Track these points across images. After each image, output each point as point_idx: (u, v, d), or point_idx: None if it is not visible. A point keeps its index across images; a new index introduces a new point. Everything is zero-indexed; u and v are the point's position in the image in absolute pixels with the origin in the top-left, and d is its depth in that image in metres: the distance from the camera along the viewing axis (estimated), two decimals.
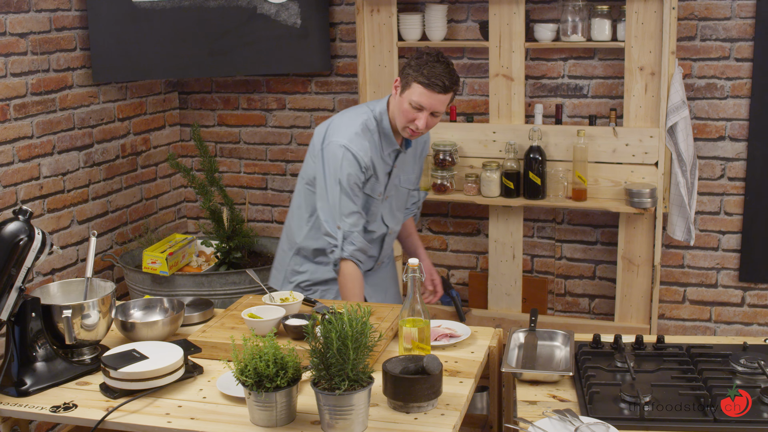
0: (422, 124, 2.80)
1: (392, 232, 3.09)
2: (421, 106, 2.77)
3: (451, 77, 2.77)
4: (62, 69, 3.65)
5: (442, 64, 2.77)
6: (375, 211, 2.98)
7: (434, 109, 2.79)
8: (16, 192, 3.43)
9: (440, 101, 2.78)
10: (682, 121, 3.56)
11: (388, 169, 2.96)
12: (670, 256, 3.93)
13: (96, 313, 2.36)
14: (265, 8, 3.99)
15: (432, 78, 2.74)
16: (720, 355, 2.38)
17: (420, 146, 3.13)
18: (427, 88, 2.74)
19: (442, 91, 2.76)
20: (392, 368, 2.11)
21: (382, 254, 3.10)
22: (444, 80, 2.75)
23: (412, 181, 3.11)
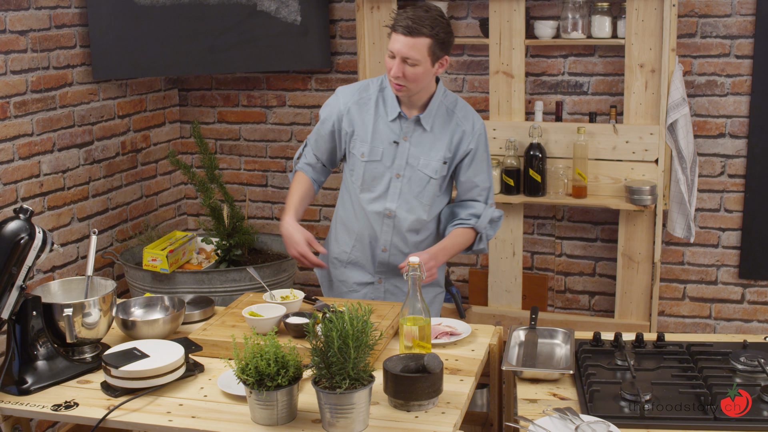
0: (395, 72, 2.66)
1: (392, 215, 2.85)
2: (392, 53, 2.67)
3: (417, 19, 2.62)
4: (62, 66, 3.64)
5: (413, 9, 2.66)
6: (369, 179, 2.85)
7: (402, 55, 2.64)
8: (17, 189, 3.43)
9: (407, 45, 2.63)
10: (683, 118, 3.56)
11: (394, 138, 2.83)
12: (670, 253, 3.93)
13: (97, 311, 2.36)
14: (265, 5, 3.99)
15: (397, 21, 2.65)
16: (720, 353, 2.38)
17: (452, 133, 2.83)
18: (394, 31, 2.66)
19: (406, 33, 2.62)
20: (393, 367, 2.11)
21: (382, 239, 2.87)
22: (408, 21, 2.62)
23: (435, 169, 2.82)
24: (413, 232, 2.88)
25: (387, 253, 2.90)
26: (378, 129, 2.83)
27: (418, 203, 2.86)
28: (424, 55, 2.65)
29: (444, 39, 2.67)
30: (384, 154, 2.84)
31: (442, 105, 2.84)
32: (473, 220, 2.87)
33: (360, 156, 2.84)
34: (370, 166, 2.85)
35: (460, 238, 2.86)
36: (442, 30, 2.66)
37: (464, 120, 2.85)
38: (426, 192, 2.85)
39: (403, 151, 2.83)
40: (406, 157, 2.83)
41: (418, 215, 2.86)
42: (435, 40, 2.64)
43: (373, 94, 2.85)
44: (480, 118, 2.91)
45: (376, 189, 2.86)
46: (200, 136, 4.07)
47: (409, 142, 2.83)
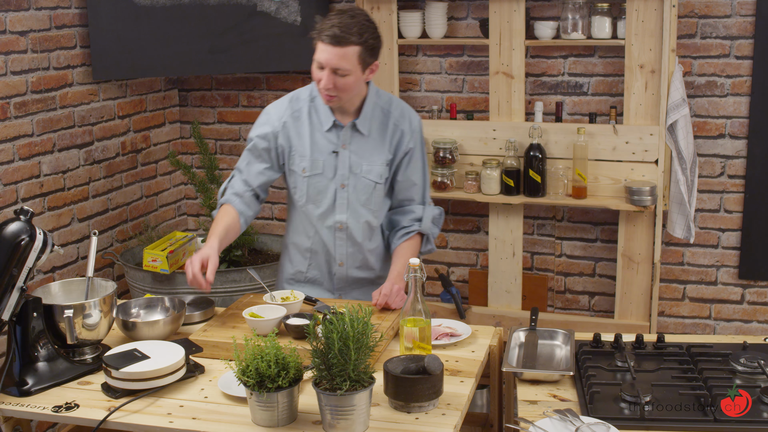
0: (324, 84, 2.54)
1: (343, 228, 2.77)
2: (320, 64, 2.55)
3: (343, 27, 2.48)
4: (62, 67, 3.64)
5: (339, 15, 2.53)
6: (313, 193, 2.75)
7: (332, 66, 2.52)
8: (17, 190, 3.43)
9: (335, 55, 2.50)
10: (682, 118, 3.56)
11: (332, 147, 2.72)
12: (669, 253, 3.93)
13: (97, 312, 2.37)
14: (265, 6, 3.99)
15: (323, 30, 2.51)
16: (720, 354, 2.38)
17: (391, 134, 2.76)
18: (320, 41, 2.52)
19: (334, 43, 2.49)
20: (393, 368, 2.11)
21: (337, 254, 2.81)
22: (335, 30, 2.48)
23: (380, 173, 2.75)
24: (366, 240, 2.82)
25: (344, 266, 2.83)
26: (315, 141, 2.73)
27: (367, 210, 2.79)
28: (354, 64, 2.54)
29: (373, 45, 2.57)
30: (325, 166, 2.74)
31: (376, 106, 2.75)
32: (416, 225, 2.82)
33: (301, 172, 2.74)
34: (312, 181, 2.74)
35: (408, 250, 2.79)
36: (371, 36, 2.55)
37: (401, 119, 2.77)
38: (373, 198, 2.78)
39: (344, 160, 2.74)
40: (348, 166, 2.74)
41: (369, 222, 2.80)
42: (364, 47, 2.54)
43: (305, 105, 2.75)
44: (416, 115, 2.83)
45: (322, 203, 2.77)
46: (200, 136, 4.08)
47: (348, 149, 2.73)
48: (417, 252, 2.82)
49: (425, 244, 2.86)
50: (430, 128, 3.93)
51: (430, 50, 4.07)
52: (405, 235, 2.81)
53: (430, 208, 2.86)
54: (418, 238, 2.83)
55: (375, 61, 2.62)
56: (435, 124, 3.94)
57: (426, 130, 3.92)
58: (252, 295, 2.80)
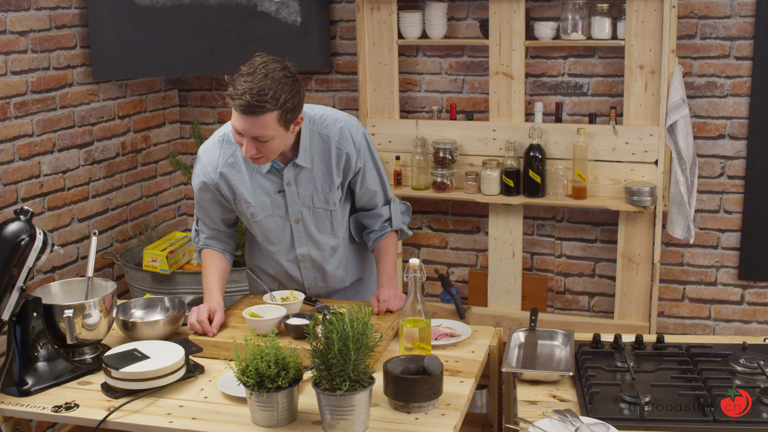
0: (246, 152, 2.34)
1: (306, 259, 2.69)
2: (238, 130, 2.34)
3: (257, 94, 2.25)
4: (62, 67, 3.65)
5: (250, 77, 2.28)
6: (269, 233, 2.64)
7: (251, 134, 2.31)
8: (17, 190, 3.43)
9: (253, 125, 2.28)
10: (682, 119, 3.56)
11: (277, 187, 2.58)
12: (669, 254, 3.93)
13: (97, 312, 2.37)
14: (266, 6, 3.99)
15: (234, 97, 2.27)
16: (720, 354, 2.38)
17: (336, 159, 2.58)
18: (234, 108, 2.29)
19: (248, 112, 2.26)
20: (393, 368, 2.11)
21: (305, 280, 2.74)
22: (247, 98, 2.24)
23: (332, 201, 2.61)
24: (332, 262, 2.74)
25: (314, 288, 2.77)
26: (257, 184, 2.57)
27: (328, 236, 2.68)
28: (275, 128, 2.32)
29: (293, 104, 2.33)
30: (273, 206, 2.60)
31: (313, 134, 2.55)
32: (387, 226, 2.75)
33: (251, 217, 2.61)
34: (264, 223, 2.63)
35: (389, 247, 2.74)
36: (290, 95, 2.30)
37: (343, 140, 2.57)
38: (332, 224, 2.67)
39: (292, 197, 2.59)
40: (298, 202, 2.60)
41: (331, 245, 2.70)
42: (282, 111, 2.30)
43: (236, 148, 2.54)
44: (358, 127, 2.62)
45: (281, 241, 2.67)
46: (200, 136, 4.08)
47: (294, 185, 2.57)
48: (396, 245, 2.79)
49: (400, 234, 2.82)
50: (430, 128, 3.93)
51: (430, 50, 4.07)
52: (380, 236, 2.76)
53: (395, 205, 2.78)
54: (393, 233, 2.78)
55: (299, 115, 2.41)
56: (435, 124, 3.94)
57: (426, 130, 3.93)
58: (252, 295, 2.80)
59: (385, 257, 2.75)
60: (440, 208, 4.21)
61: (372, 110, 4.01)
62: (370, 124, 3.99)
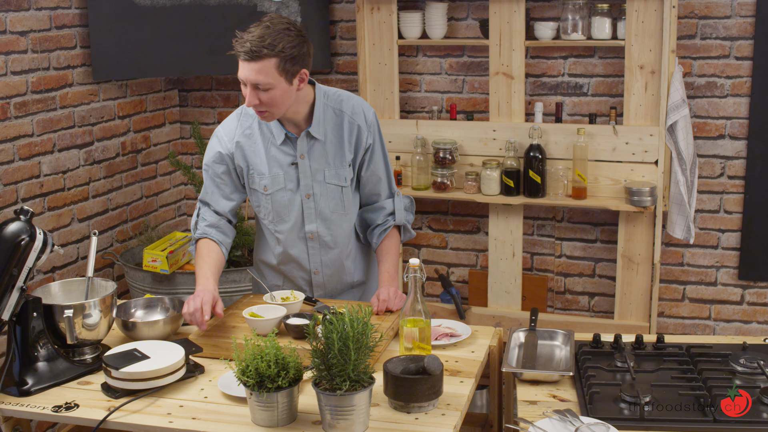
0: (248, 100, 2.44)
1: (315, 237, 2.71)
2: (241, 80, 2.45)
3: (257, 40, 2.38)
4: (62, 67, 3.65)
5: (256, 26, 2.42)
6: (279, 209, 2.68)
7: (251, 81, 2.41)
8: (17, 190, 3.43)
9: (252, 71, 2.40)
10: (682, 119, 3.56)
11: (290, 159, 2.64)
12: (669, 254, 3.93)
13: (97, 312, 2.37)
14: (266, 6, 3.99)
15: (237, 46, 2.41)
16: (720, 355, 2.38)
17: (348, 133, 2.66)
18: (238, 58, 2.42)
19: (248, 59, 2.39)
20: (393, 368, 2.11)
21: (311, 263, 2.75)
22: (248, 45, 2.38)
23: (344, 177, 2.66)
24: (342, 245, 2.76)
25: (320, 275, 2.77)
26: (271, 156, 2.64)
27: (338, 216, 2.71)
28: (275, 77, 2.41)
29: (293, 54, 2.42)
30: (286, 179, 2.65)
31: (327, 108, 2.63)
32: (390, 220, 2.77)
33: (263, 190, 2.66)
34: (276, 197, 2.66)
35: (392, 246, 2.76)
36: (289, 44, 2.40)
37: (356, 115, 2.66)
38: (343, 202, 2.70)
39: (305, 170, 2.64)
40: (310, 175, 2.65)
41: (341, 227, 2.73)
42: (281, 59, 2.39)
43: (254, 121, 2.64)
44: (370, 107, 2.72)
45: (289, 217, 2.69)
46: (200, 136, 4.08)
47: (307, 158, 2.63)
48: (399, 245, 2.81)
49: (404, 233, 2.84)
50: (430, 129, 3.93)
51: (430, 51, 4.07)
52: (383, 232, 2.77)
53: (399, 199, 2.80)
54: (396, 232, 2.80)
55: (302, 70, 2.47)
56: (435, 124, 3.94)
57: (426, 130, 3.93)
58: (252, 295, 2.80)
59: (387, 257, 2.75)
60: (440, 208, 4.21)
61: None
62: None
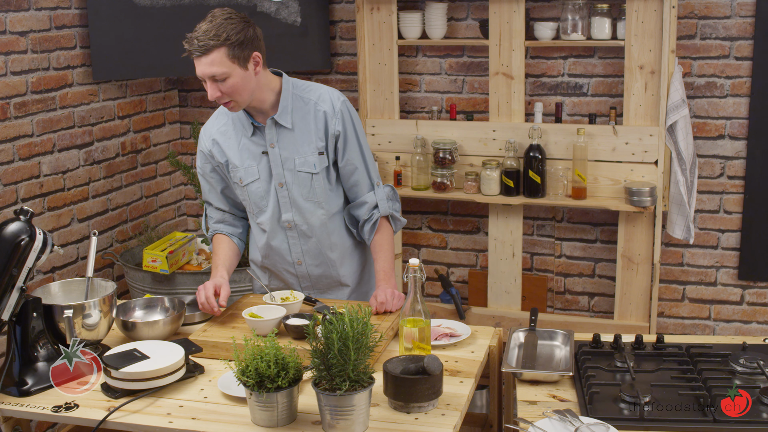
0: (210, 94, 2.49)
1: (292, 226, 2.74)
2: (200, 77, 2.50)
3: (202, 36, 2.44)
4: (62, 67, 3.65)
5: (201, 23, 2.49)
6: (256, 200, 2.73)
7: (207, 74, 2.47)
8: (17, 190, 3.43)
9: (205, 64, 2.46)
10: (682, 119, 3.56)
11: (261, 149, 2.68)
12: (669, 254, 3.93)
13: (97, 312, 2.37)
14: (265, 6, 3.99)
15: (187, 46, 2.47)
16: (719, 355, 2.38)
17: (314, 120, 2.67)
18: (192, 57, 2.48)
19: (198, 54, 2.45)
20: (393, 368, 2.11)
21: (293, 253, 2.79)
22: (194, 42, 2.45)
23: (313, 163, 2.67)
24: (321, 235, 2.76)
25: (303, 264, 2.79)
26: (244, 148, 2.70)
27: (312, 204, 2.72)
28: (228, 65, 2.47)
29: (240, 39, 2.47)
30: (260, 170, 2.70)
31: (295, 97, 2.66)
32: (375, 212, 2.76)
33: (239, 182, 2.73)
34: (251, 188, 2.72)
35: (384, 242, 2.76)
36: (233, 31, 2.46)
37: (321, 102, 2.67)
38: (314, 190, 2.70)
39: (275, 159, 2.68)
40: (280, 163, 2.68)
41: (317, 215, 2.74)
42: (228, 46, 2.45)
43: (228, 117, 2.72)
44: (341, 96, 2.71)
45: (267, 207, 2.74)
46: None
47: (277, 147, 2.67)
48: (392, 237, 2.80)
49: (393, 223, 2.83)
50: (430, 129, 3.93)
51: (430, 51, 4.07)
52: (372, 227, 2.76)
53: (379, 189, 2.78)
54: (386, 223, 2.78)
55: (253, 53, 2.52)
56: (435, 124, 3.94)
57: (426, 130, 3.93)
58: (252, 295, 2.80)
59: (381, 253, 2.75)
60: (440, 209, 4.21)
61: (372, 110, 4.01)
62: (370, 124, 3.99)
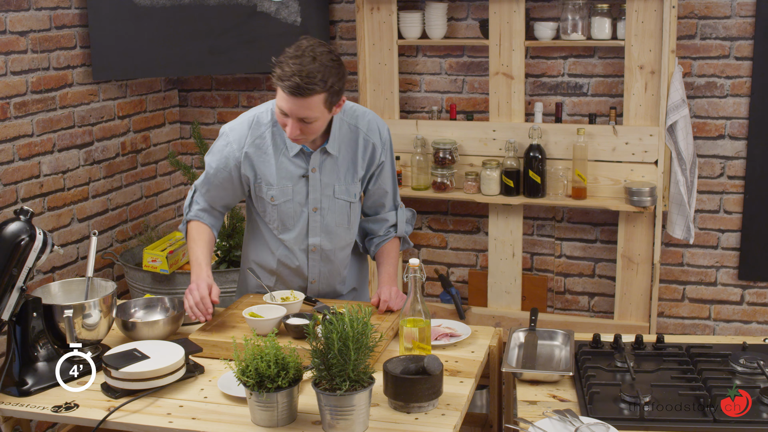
0: (290, 132, 2.40)
1: (317, 250, 2.69)
2: (283, 110, 2.40)
3: (306, 76, 2.31)
4: (62, 67, 3.64)
5: (299, 59, 2.33)
6: (285, 218, 2.65)
7: (297, 115, 2.37)
8: (17, 190, 3.43)
9: (300, 106, 2.35)
10: (682, 119, 3.56)
11: (301, 172, 2.60)
12: (669, 254, 3.93)
13: (97, 312, 2.37)
14: (265, 6, 3.99)
15: (283, 78, 2.33)
16: (719, 355, 2.38)
17: (363, 150, 2.65)
18: (282, 90, 2.35)
19: (296, 94, 2.32)
20: (393, 368, 2.11)
21: (310, 273, 2.74)
22: (296, 80, 2.31)
23: (354, 193, 2.66)
24: (342, 258, 2.76)
25: (317, 283, 2.76)
26: (282, 167, 2.59)
27: (342, 229, 2.70)
28: (320, 110, 2.39)
29: (339, 87, 2.40)
30: (295, 192, 2.62)
31: (343, 123, 2.61)
32: (392, 231, 2.79)
33: (270, 200, 2.62)
34: (283, 207, 2.63)
35: (392, 251, 2.77)
36: (334, 77, 2.36)
37: (371, 133, 2.64)
38: (349, 217, 2.69)
39: (315, 184, 2.61)
40: (319, 189, 2.62)
41: (343, 239, 2.72)
42: (329, 93, 2.37)
43: (267, 130, 2.59)
44: (384, 124, 2.71)
45: (295, 227, 2.67)
46: (200, 136, 4.08)
47: (319, 172, 2.60)
48: (398, 251, 2.82)
49: (402, 243, 2.86)
50: (430, 129, 3.93)
51: (430, 51, 4.07)
52: (382, 242, 2.79)
53: (401, 211, 2.82)
54: (396, 241, 2.81)
55: (342, 99, 2.47)
56: (435, 124, 3.94)
57: (426, 130, 3.93)
58: (252, 295, 2.80)
59: (388, 260, 2.76)
60: (440, 209, 4.21)
61: (372, 110, 4.01)
62: None
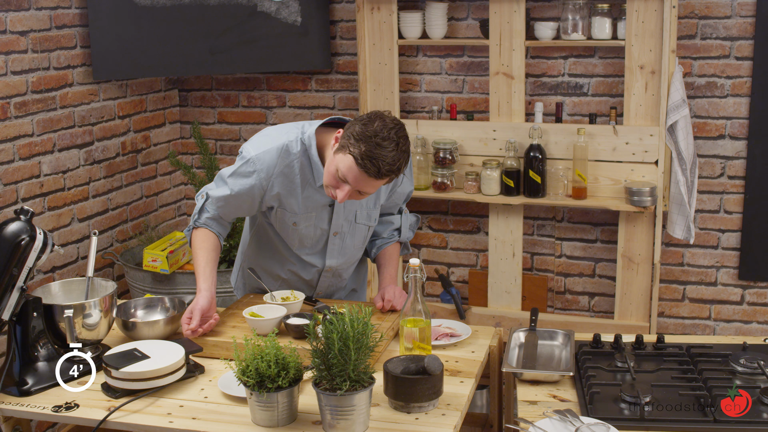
0: (341, 197, 2.39)
1: (331, 270, 2.74)
2: (346, 179, 2.36)
3: (390, 163, 2.30)
4: (62, 67, 3.64)
5: (387, 144, 2.30)
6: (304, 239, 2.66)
7: (361, 189, 2.38)
8: (17, 190, 3.43)
9: (369, 184, 2.36)
10: (682, 119, 3.56)
11: (327, 200, 2.59)
12: (669, 254, 3.93)
13: (97, 312, 2.36)
14: (266, 6, 3.99)
15: (367, 158, 2.30)
16: (720, 355, 2.38)
17: None
18: (358, 165, 2.31)
19: (375, 176, 2.33)
20: (393, 368, 2.11)
21: (319, 286, 2.78)
22: (380, 165, 2.30)
23: (375, 217, 2.70)
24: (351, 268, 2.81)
25: (322, 294, 2.82)
26: (308, 196, 2.58)
27: (357, 250, 2.76)
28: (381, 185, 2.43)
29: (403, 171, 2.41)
30: (318, 218, 2.63)
31: None
32: (396, 235, 2.82)
33: (292, 225, 2.62)
34: (304, 231, 2.64)
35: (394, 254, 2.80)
36: (406, 163, 2.39)
37: None
38: (365, 237, 2.74)
39: (338, 212, 2.63)
40: (342, 216, 2.64)
41: (356, 257, 2.78)
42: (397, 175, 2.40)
43: (296, 160, 2.53)
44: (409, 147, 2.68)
45: (313, 247, 2.69)
46: (200, 136, 4.08)
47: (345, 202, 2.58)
48: (399, 255, 2.85)
49: (402, 248, 2.88)
50: (430, 129, 3.93)
51: (431, 51, 4.07)
52: (384, 245, 2.81)
53: (406, 216, 2.84)
54: (397, 246, 2.84)
55: None
56: (435, 124, 3.94)
57: (426, 130, 3.94)
58: (252, 295, 2.80)
59: (389, 262, 2.79)
60: (440, 208, 4.21)
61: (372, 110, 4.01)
62: None
